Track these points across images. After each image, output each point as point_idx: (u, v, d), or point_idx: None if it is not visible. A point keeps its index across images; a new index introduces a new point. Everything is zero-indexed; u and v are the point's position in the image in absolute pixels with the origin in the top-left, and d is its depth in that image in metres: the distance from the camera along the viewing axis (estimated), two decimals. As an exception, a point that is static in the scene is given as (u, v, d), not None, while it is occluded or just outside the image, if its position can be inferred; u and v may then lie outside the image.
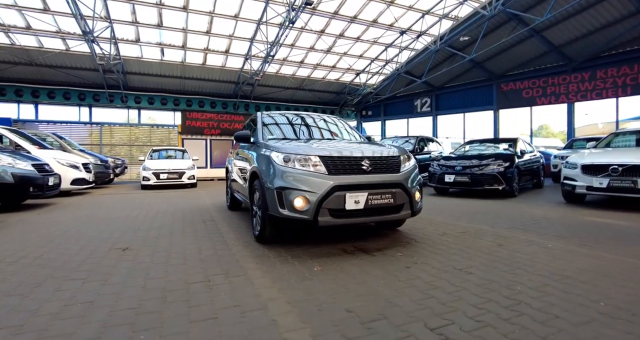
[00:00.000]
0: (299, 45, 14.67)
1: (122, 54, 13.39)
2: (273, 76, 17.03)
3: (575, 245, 3.22)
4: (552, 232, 3.80)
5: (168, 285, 2.37)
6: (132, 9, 11.26)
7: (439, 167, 7.67)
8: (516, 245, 3.27)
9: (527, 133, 14.68)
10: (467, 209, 5.65)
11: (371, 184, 3.02)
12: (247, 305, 2.02)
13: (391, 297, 2.09)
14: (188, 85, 16.90)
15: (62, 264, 2.83)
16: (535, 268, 2.57)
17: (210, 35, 13.30)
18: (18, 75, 13.43)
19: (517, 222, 4.41)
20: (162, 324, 1.81)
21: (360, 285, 2.29)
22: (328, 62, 16.36)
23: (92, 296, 2.18)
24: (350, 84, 18.34)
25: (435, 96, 17.29)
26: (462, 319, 1.78)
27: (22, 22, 11.04)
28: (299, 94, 19.33)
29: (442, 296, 2.08)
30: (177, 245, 3.42)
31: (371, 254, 3.03)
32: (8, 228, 4.32)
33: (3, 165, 5.48)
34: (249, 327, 1.76)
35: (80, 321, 1.86)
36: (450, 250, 3.12)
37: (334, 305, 1.99)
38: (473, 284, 2.27)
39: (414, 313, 1.86)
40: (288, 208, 2.92)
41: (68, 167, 8.02)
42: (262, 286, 2.31)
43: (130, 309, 1.99)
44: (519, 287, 2.21)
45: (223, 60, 15.46)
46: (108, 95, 15.37)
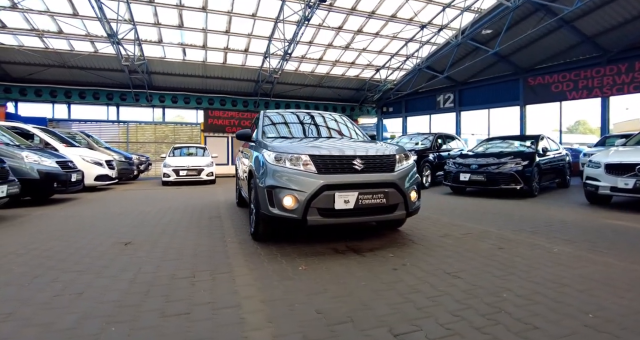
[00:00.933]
0: (317, 42, 14.62)
1: (146, 55, 13.90)
2: (292, 74, 17.09)
3: (584, 251, 3.02)
4: (563, 236, 3.58)
5: (155, 280, 2.44)
6: (154, 11, 11.64)
7: (455, 166, 7.43)
8: (519, 249, 3.11)
9: (556, 129, 13.92)
10: (479, 209, 5.44)
11: (362, 183, 2.97)
12: (222, 302, 2.05)
13: (368, 299, 2.05)
14: (210, 84, 17.29)
15: (65, 257, 2.98)
16: (530, 274, 2.44)
17: (229, 34, 13.52)
18: (52, 77, 14.27)
19: (528, 224, 4.19)
20: (137, 318, 1.87)
21: (340, 286, 2.26)
22: (347, 58, 16.22)
23: (83, 288, 2.28)
24: (370, 80, 18.10)
25: (458, 92, 16.73)
26: (431, 326, 1.71)
27: (55, 27, 11.69)
28: (318, 91, 19.31)
29: (421, 301, 2.01)
30: (176, 241, 3.51)
31: (362, 254, 2.99)
32: (30, 221, 4.61)
33: (30, 163, 5.84)
34: (217, 324, 1.79)
35: (64, 312, 1.95)
36: (446, 252, 3.02)
37: (306, 305, 1.97)
38: (458, 289, 2.19)
39: (385, 317, 1.81)
40: (278, 207, 2.93)
41: (92, 164, 8.45)
42: (243, 284, 2.33)
43: (112, 302, 2.07)
44: (505, 294, 2.10)
45: (243, 59, 15.69)
46: (134, 94, 16.01)
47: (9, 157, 5.68)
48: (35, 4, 10.39)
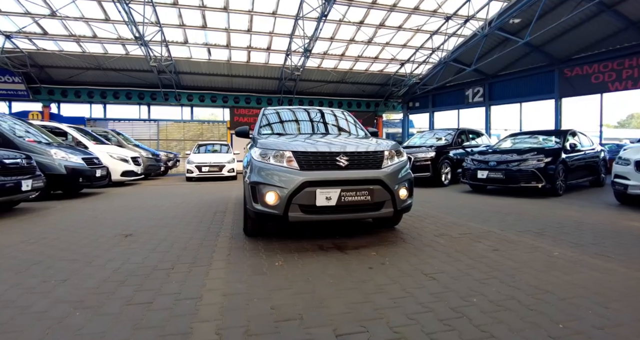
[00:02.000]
0: (339, 38, 14.49)
1: (173, 56, 14.47)
2: (315, 70, 17.09)
3: (587, 255, 2.78)
4: (572, 239, 3.32)
5: (137, 270, 2.54)
6: (179, 12, 12.06)
7: (472, 163, 7.10)
8: (515, 251, 2.92)
9: (597, 123, 12.88)
10: (492, 208, 5.17)
11: (345, 180, 2.91)
12: (185, 293, 2.10)
13: (328, 297, 2.01)
14: (235, 83, 17.69)
15: (67, 247, 3.18)
16: (514, 279, 2.28)
17: (251, 33, 13.74)
18: (89, 79, 15.24)
19: (537, 225, 3.92)
20: (103, 304, 1.96)
21: (307, 283, 2.24)
22: (370, 53, 15.96)
23: (69, 275, 2.43)
24: (394, 74, 17.70)
25: (488, 85, 15.94)
26: (380, 328, 1.65)
27: (90, 32, 12.46)
28: (342, 88, 19.17)
29: (382, 302, 1.94)
30: (173, 235, 3.64)
31: (345, 251, 2.93)
32: (52, 213, 4.96)
33: (58, 159, 6.29)
34: (171, 314, 1.83)
35: (43, 296, 2.08)
36: (433, 252, 2.89)
37: (264, 301, 1.97)
38: (427, 291, 2.09)
39: (336, 316, 1.77)
40: (261, 203, 2.95)
41: (118, 161, 8.95)
42: (214, 277, 2.37)
43: (88, 289, 2.18)
44: (477, 298, 1.97)
45: (266, 57, 15.90)
46: (163, 94, 16.74)
47: (40, 154, 6.15)
48: (71, 11, 11.12)
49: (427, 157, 8.35)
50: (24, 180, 4.64)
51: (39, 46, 13.10)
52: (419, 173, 8.34)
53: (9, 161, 4.55)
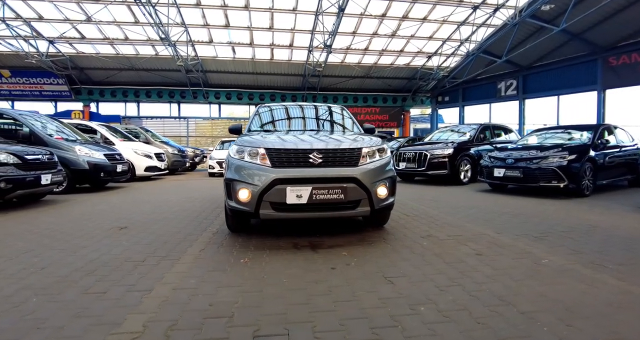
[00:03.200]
0: (361, 32, 14.24)
1: (200, 55, 14.96)
2: (338, 66, 16.94)
3: (581, 264, 2.51)
4: (574, 245, 3.02)
5: (110, 261, 2.64)
6: (202, 13, 12.42)
7: (489, 160, 6.70)
8: (500, 257, 2.70)
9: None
10: (501, 208, 4.84)
11: (316, 178, 2.84)
12: (140, 285, 2.15)
13: (272, 297, 1.97)
14: (260, 80, 17.99)
15: (63, 237, 3.39)
16: (481, 287, 2.10)
17: (273, 30, 13.86)
18: (123, 79, 16.18)
19: (542, 228, 3.61)
20: (62, 292, 2.06)
21: (259, 281, 2.21)
22: (394, 46, 15.54)
23: (49, 264, 2.58)
24: (422, 68, 17.12)
25: (522, 77, 14.94)
26: (303, 332, 1.58)
27: (122, 35, 13.20)
28: (367, 83, 18.87)
29: (323, 305, 1.87)
30: (164, 229, 3.75)
31: (317, 250, 2.87)
32: (69, 206, 5.32)
33: (82, 155, 6.73)
34: (115, 305, 1.89)
35: (16, 281, 2.23)
36: (409, 255, 2.75)
37: (208, 297, 1.97)
38: (377, 296, 1.98)
39: (266, 317, 1.72)
40: (234, 200, 2.96)
41: (142, 157, 9.43)
42: (175, 271, 2.41)
43: (57, 277, 2.31)
44: (426, 307, 1.84)
45: (289, 54, 15.99)
46: (192, 92, 17.39)
47: (66, 150, 6.62)
48: (104, 16, 11.82)
49: (443, 153, 7.99)
50: (43, 175, 5.00)
51: (78, 49, 14.10)
52: (434, 170, 8.02)
53: (30, 157, 4.93)
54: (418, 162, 8.27)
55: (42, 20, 11.93)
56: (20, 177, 4.66)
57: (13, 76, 14.82)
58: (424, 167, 8.14)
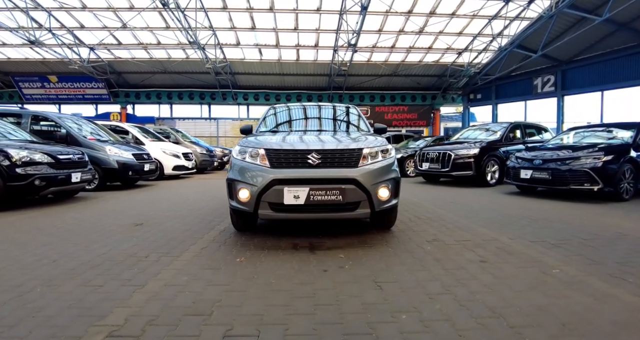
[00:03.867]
0: (387, 30, 14.00)
1: (228, 57, 15.38)
2: (364, 65, 16.78)
3: (597, 276, 2.30)
4: (594, 254, 2.77)
5: (117, 256, 2.77)
6: (229, 16, 12.76)
7: (516, 161, 6.33)
8: (506, 265, 2.54)
9: None
10: (523, 212, 4.55)
11: (314, 179, 2.81)
12: (136, 280, 2.24)
13: (254, 297, 1.97)
14: (286, 81, 18.20)
15: (81, 232, 3.60)
16: (473, 297, 1.98)
17: (298, 31, 13.98)
18: (157, 82, 16.98)
19: (562, 235, 3.36)
20: (62, 284, 2.19)
21: (247, 281, 2.22)
22: (422, 43, 15.14)
23: (61, 257, 2.74)
24: (452, 65, 16.54)
25: (561, 72, 14.00)
26: (273, 334, 1.57)
27: (154, 40, 13.86)
28: (394, 81, 18.54)
29: (302, 308, 1.84)
30: (175, 226, 3.88)
31: (315, 251, 2.85)
32: (96, 202, 5.66)
33: (112, 155, 7.14)
34: (107, 298, 1.98)
35: (27, 272, 2.40)
36: (408, 259, 2.65)
37: (193, 294, 2.01)
38: (360, 301, 1.93)
39: (242, 317, 1.72)
40: (235, 199, 3.00)
41: (171, 156, 9.84)
42: (172, 268, 2.48)
43: (65, 269, 2.45)
44: (408, 315, 1.76)
45: (314, 54, 16.05)
46: (221, 94, 17.92)
47: (97, 150, 7.05)
48: (138, 22, 12.47)
49: (469, 154, 7.66)
50: (73, 173, 5.36)
51: (116, 55, 14.99)
52: (458, 171, 7.71)
53: (62, 157, 5.30)
54: (442, 162, 7.99)
55: (83, 28, 12.82)
56: (53, 175, 5.01)
57: (59, 81, 16.05)
58: (447, 168, 7.85)
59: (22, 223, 4.01)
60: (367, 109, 19.48)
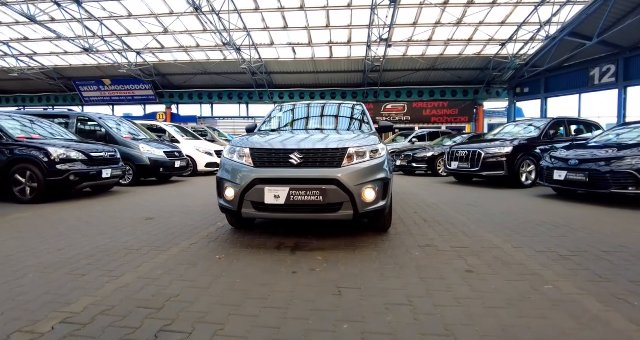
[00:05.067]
0: (422, 23, 13.42)
1: (263, 57, 15.75)
2: (400, 59, 16.28)
3: (596, 297, 2.01)
4: (605, 270, 2.43)
5: (113, 248, 2.96)
6: (262, 17, 13.03)
7: (551, 161, 5.76)
8: (494, 277, 2.31)
9: None
10: (544, 217, 4.13)
11: (294, 178, 2.77)
12: (115, 272, 2.37)
13: (211, 294, 1.99)
14: (321, 79, 18.23)
15: (97, 224, 3.90)
16: (435, 311, 1.83)
17: (330, 28, 13.91)
18: (198, 83, 17.87)
19: (576, 246, 2.99)
20: (55, 272, 2.39)
21: (215, 278, 2.26)
22: (461, 35, 14.33)
23: (66, 246, 2.99)
24: (495, 57, 15.48)
25: (623, 61, 12.46)
26: (205, 333, 1.57)
27: (194, 42, 14.58)
28: (433, 75, 17.78)
29: (249, 309, 1.83)
30: (182, 222, 4.06)
31: (295, 252, 2.82)
32: (124, 197, 6.10)
33: (144, 153, 7.65)
34: (81, 286, 2.14)
35: (31, 259, 2.64)
36: (388, 265, 2.53)
37: (157, 288, 2.08)
38: (310, 307, 1.86)
39: (187, 313, 1.75)
40: (222, 198, 3.06)
41: (204, 154, 10.32)
42: (155, 261, 2.59)
43: (63, 258, 2.66)
44: (350, 325, 1.68)
45: (347, 51, 15.89)
46: (258, 93, 18.40)
47: (132, 148, 7.60)
48: (177, 27, 13.21)
49: (500, 152, 7.12)
50: (104, 170, 5.83)
51: (160, 58, 16.01)
52: (489, 171, 7.21)
53: (94, 154, 5.78)
54: (471, 161, 7.52)
55: (130, 35, 13.86)
56: (85, 171, 5.49)
57: (112, 84, 17.55)
58: (477, 168, 7.37)
59: (52, 215, 4.44)
60: (404, 104, 18.91)
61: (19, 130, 5.64)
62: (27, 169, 5.15)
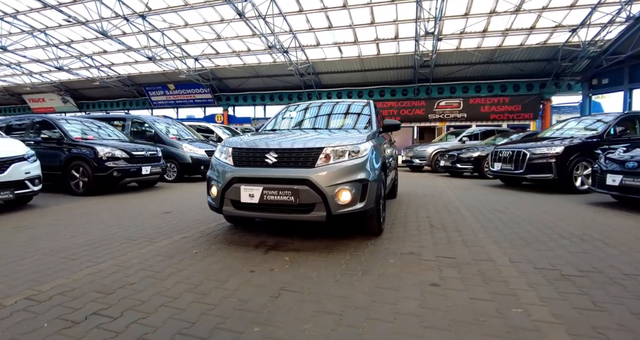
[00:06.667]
0: (475, 13, 12.43)
1: (310, 58, 15.98)
2: (453, 53, 15.31)
3: (569, 329, 1.69)
4: (610, 297, 2.03)
5: (115, 238, 3.26)
6: (306, 18, 13.22)
7: (605, 163, 4.95)
8: (459, 293, 2.07)
9: None
10: (576, 230, 3.55)
11: (267, 178, 2.78)
12: (102, 258, 2.65)
13: (161, 286, 2.10)
14: (369, 77, 17.93)
15: (121, 215, 4.33)
16: (362, 326, 1.71)
17: (375, 25, 13.60)
18: (252, 86, 18.76)
19: (592, 266, 2.53)
20: (54, 255, 2.72)
21: (177, 271, 2.37)
22: (522, 23, 12.96)
23: (81, 234, 3.38)
24: (564, 45, 13.72)
25: None
26: (127, 319, 1.67)
27: (245, 47, 15.35)
28: (491, 69, 16.39)
29: (180, 302, 1.89)
30: (194, 216, 4.31)
31: (269, 252, 2.83)
32: (162, 192, 6.66)
33: (187, 152, 8.29)
34: (64, 269, 2.43)
35: (47, 244, 3.02)
36: (350, 272, 2.40)
37: (123, 276, 2.25)
38: (236, 306, 1.86)
39: (123, 301, 1.87)
40: (210, 195, 3.19)
41: (245, 152, 10.83)
42: (139, 252, 2.81)
43: (71, 244, 3.01)
44: (260, 328, 1.64)
45: (395, 47, 15.39)
46: (307, 94, 18.72)
47: (177, 147, 8.28)
48: (229, 32, 14.01)
49: (548, 153, 6.30)
50: (144, 167, 6.44)
51: (216, 63, 17.14)
52: (534, 174, 6.44)
53: (136, 153, 6.42)
54: (515, 162, 6.78)
55: (188, 42, 15.08)
56: (126, 168, 6.13)
57: (176, 89, 19.28)
58: (521, 170, 6.62)
59: (92, 206, 5.04)
60: (460, 101, 17.70)
61: (78, 132, 6.49)
62: (80, 166, 5.91)
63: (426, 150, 12.39)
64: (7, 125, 6.79)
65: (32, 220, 4.05)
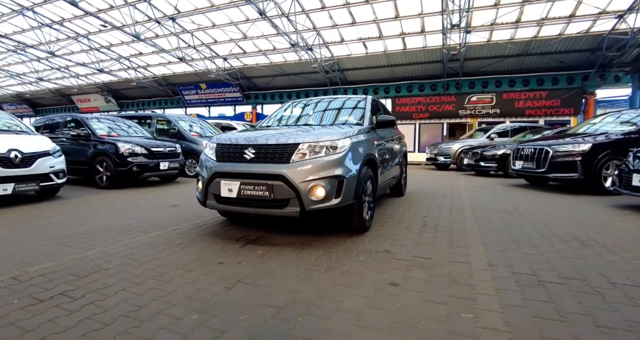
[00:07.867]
0: (506, 3, 11.72)
1: (335, 55, 15.93)
2: (484, 45, 14.58)
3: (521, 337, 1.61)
4: (578, 306, 1.88)
5: (114, 228, 3.48)
6: (329, 14, 13.17)
7: (633, 161, 4.52)
8: (414, 295, 2.01)
9: None
10: (584, 233, 3.28)
11: (244, 173, 2.85)
12: (93, 245, 2.87)
13: (133, 275, 2.23)
14: (396, 72, 17.54)
15: (131, 207, 4.62)
16: (257, 315, 1.72)
17: (400, 19, 13.27)
18: (279, 84, 19.04)
19: (580, 273, 2.34)
20: (54, 241, 2.96)
21: (153, 260, 2.50)
22: (559, 11, 12.03)
23: (87, 224, 3.65)
24: (609, 33, 12.56)
25: None
26: (83, 299, 1.80)
27: (270, 46, 15.59)
28: (527, 61, 15.41)
29: (139, 288, 2.01)
30: (196, 210, 4.46)
31: (246, 245, 2.90)
32: (177, 186, 6.98)
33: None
34: (55, 254, 2.65)
35: (55, 231, 3.31)
36: (313, 267, 2.41)
37: (102, 262, 2.42)
38: (186, 295, 1.94)
39: (91, 284, 2.02)
40: (197, 190, 3.32)
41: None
42: (129, 241, 2.99)
43: (75, 232, 3.27)
44: (198, 316, 1.70)
45: (422, 41, 14.92)
46: (332, 91, 18.69)
47: (197, 144, 8.64)
48: (254, 32, 14.31)
49: (574, 151, 5.84)
50: (162, 162, 6.80)
51: (244, 62, 17.59)
52: (557, 173, 6.01)
53: (154, 149, 6.79)
54: (537, 161, 6.36)
55: (216, 43, 15.59)
56: (145, 164, 6.50)
57: (207, 88, 20.03)
58: (543, 168, 6.20)
59: (110, 198, 5.41)
60: (492, 96, 16.82)
61: (104, 129, 6.97)
62: (104, 161, 6.35)
63: (451, 148, 11.94)
64: (44, 123, 7.45)
65: (53, 210, 4.43)
